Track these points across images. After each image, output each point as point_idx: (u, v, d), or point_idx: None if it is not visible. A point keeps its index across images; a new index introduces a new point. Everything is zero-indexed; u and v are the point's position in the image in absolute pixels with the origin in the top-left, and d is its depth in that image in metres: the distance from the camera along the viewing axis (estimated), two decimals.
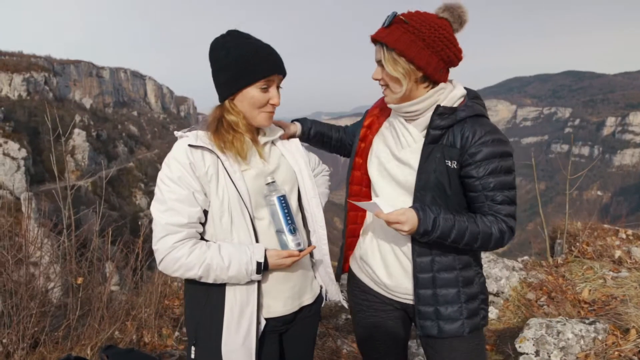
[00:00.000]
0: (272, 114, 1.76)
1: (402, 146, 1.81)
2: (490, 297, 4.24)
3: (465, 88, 1.79)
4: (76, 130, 63.84)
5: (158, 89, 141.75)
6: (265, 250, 1.67)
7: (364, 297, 2.02)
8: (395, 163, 1.82)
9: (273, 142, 1.87)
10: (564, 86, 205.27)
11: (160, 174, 1.70)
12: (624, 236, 5.32)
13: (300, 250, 1.70)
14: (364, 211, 2.00)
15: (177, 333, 4.12)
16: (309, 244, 1.88)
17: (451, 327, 1.78)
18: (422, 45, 1.63)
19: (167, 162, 1.69)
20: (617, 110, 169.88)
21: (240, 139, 1.72)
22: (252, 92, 1.68)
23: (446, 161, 1.68)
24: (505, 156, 1.66)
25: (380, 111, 1.98)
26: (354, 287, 2.06)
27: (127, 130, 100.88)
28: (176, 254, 1.63)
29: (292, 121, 2.13)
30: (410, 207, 1.68)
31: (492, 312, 4.06)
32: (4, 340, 3.64)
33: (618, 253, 4.67)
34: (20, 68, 74.01)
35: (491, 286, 4.22)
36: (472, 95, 1.78)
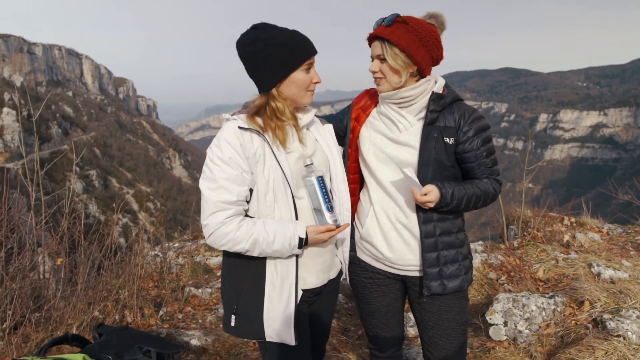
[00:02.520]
0: (313, 92, 1.92)
1: (399, 130, 2.04)
2: None
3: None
4: (5, 109, 60.14)
5: (95, 68, 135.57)
6: (307, 226, 1.84)
7: (367, 275, 2.24)
8: (394, 146, 2.05)
9: (307, 128, 2.01)
10: (502, 82, 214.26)
11: (209, 154, 1.81)
12: (568, 223, 5.84)
13: (338, 226, 1.87)
14: (357, 197, 2.23)
15: (160, 312, 4.19)
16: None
17: (454, 283, 2.06)
18: (419, 44, 1.92)
19: (217, 144, 1.80)
20: (549, 107, 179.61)
21: (282, 126, 1.85)
22: (299, 76, 1.83)
23: (445, 138, 1.98)
24: (488, 128, 2.05)
25: (365, 103, 2.22)
26: (357, 268, 2.26)
27: (62, 111, 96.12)
28: (225, 229, 1.77)
29: None
30: (432, 185, 1.95)
31: None
32: None
33: (566, 237, 5.17)
34: None
35: None
36: (447, 85, 2.12)
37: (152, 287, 4.87)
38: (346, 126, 2.21)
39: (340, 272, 2.17)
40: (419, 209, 2.02)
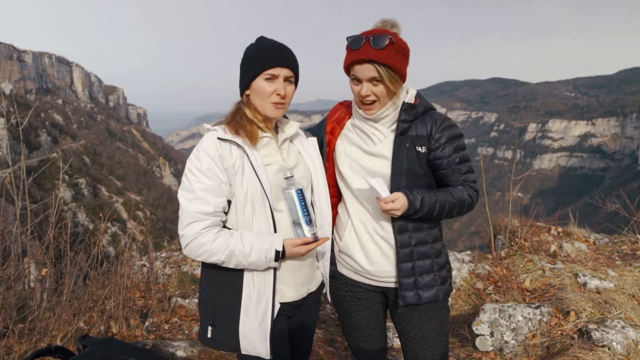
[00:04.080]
0: (279, 105, 1.87)
1: (374, 143, 2.07)
2: None
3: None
4: None
5: (85, 77, 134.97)
6: (284, 239, 1.83)
7: (347, 289, 2.23)
8: (368, 158, 2.07)
9: (291, 140, 2.03)
10: (491, 92, 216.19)
11: (189, 164, 1.82)
12: (555, 233, 5.89)
13: (316, 240, 1.87)
14: (336, 211, 2.22)
15: (147, 323, 4.15)
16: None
17: (429, 294, 2.05)
18: (405, 61, 1.98)
19: (196, 154, 1.81)
20: (537, 117, 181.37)
21: (253, 127, 1.88)
22: (259, 83, 1.85)
23: (417, 147, 2.00)
24: (461, 136, 2.07)
25: (340, 116, 2.22)
26: (338, 282, 2.26)
27: (51, 118, 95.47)
28: (202, 240, 1.77)
29: None
30: (399, 192, 1.94)
31: None
32: None
33: (553, 247, 5.20)
34: None
35: None
36: (419, 95, 2.14)
37: (139, 298, 4.83)
38: (322, 140, 2.21)
39: (322, 285, 2.17)
40: (394, 219, 2.03)
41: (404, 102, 2.03)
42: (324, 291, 2.23)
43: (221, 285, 1.90)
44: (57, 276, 4.37)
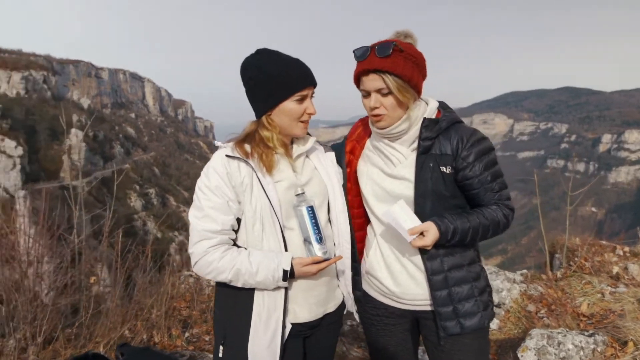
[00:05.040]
0: (307, 123, 1.88)
1: (393, 164, 1.93)
2: None
3: (438, 101, 1.99)
4: (73, 130, 63.69)
5: (156, 91, 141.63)
6: (292, 258, 1.77)
7: (374, 312, 2.11)
8: (390, 180, 1.94)
9: (307, 155, 1.97)
10: (561, 102, 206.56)
11: (198, 182, 1.82)
12: (621, 253, 5.46)
13: (327, 259, 1.79)
14: (364, 229, 2.11)
15: (187, 334, 4.22)
16: (335, 255, 2.00)
17: (472, 322, 1.90)
18: (417, 70, 1.83)
19: (205, 172, 1.81)
20: (613, 127, 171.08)
21: (269, 153, 1.82)
22: (290, 106, 1.80)
23: (441, 167, 1.84)
24: (490, 150, 1.89)
25: (359, 135, 2.11)
26: (365, 304, 2.14)
27: (124, 131, 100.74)
28: (209, 258, 1.76)
29: None
30: (430, 222, 1.80)
31: (494, 323, 4.18)
32: (18, 336, 3.73)
33: (616, 269, 4.82)
34: (19, 66, 73.99)
35: (493, 297, 4.35)
36: (444, 106, 1.97)
37: (184, 308, 4.92)
38: (341, 160, 2.10)
39: (343, 305, 2.09)
40: None
41: (424, 118, 1.88)
42: (345, 312, 2.15)
43: (233, 303, 1.87)
44: (110, 283, 4.55)
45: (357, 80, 1.89)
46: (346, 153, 2.09)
